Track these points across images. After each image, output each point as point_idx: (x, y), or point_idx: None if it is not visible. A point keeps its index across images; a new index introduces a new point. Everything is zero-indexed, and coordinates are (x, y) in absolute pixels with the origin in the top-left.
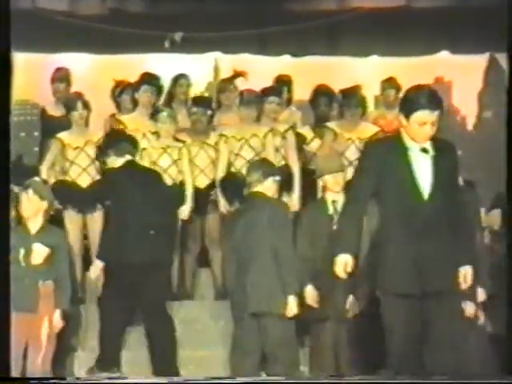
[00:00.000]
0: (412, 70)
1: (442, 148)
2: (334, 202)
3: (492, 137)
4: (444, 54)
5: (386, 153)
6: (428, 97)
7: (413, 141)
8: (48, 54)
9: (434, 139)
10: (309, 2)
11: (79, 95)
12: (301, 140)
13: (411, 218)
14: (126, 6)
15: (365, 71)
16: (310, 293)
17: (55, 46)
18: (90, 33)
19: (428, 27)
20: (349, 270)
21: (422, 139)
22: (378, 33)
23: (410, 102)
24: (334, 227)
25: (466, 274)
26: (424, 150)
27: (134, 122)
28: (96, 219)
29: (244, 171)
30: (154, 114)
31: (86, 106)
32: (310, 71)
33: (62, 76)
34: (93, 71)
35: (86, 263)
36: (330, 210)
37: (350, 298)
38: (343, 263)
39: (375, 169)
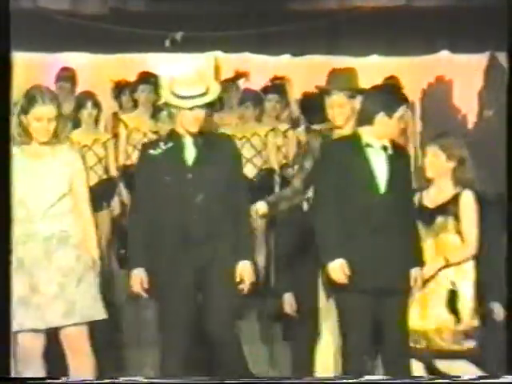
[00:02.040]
0: (413, 69)
1: (398, 149)
2: None
3: (493, 135)
4: (444, 54)
5: (344, 151)
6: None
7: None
8: (49, 53)
9: (392, 141)
10: (309, 1)
11: (90, 94)
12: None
13: (368, 213)
14: (127, 6)
15: (365, 71)
16: None
17: (56, 45)
18: (90, 32)
19: (428, 27)
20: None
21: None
22: (378, 32)
23: None
24: None
25: (416, 276)
26: (384, 148)
27: (135, 121)
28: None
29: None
30: (154, 113)
31: (97, 105)
32: (309, 70)
33: (67, 75)
34: (94, 70)
35: None
36: None
37: None
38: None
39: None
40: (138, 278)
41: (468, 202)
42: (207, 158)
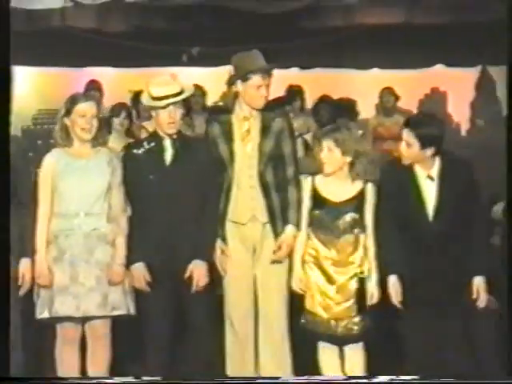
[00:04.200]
0: (410, 81)
1: (450, 171)
2: None
3: (484, 142)
4: (439, 67)
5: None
6: None
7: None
8: (77, 68)
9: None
10: (316, 19)
11: (124, 106)
12: (306, 145)
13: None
14: (148, 24)
15: (366, 82)
16: None
17: (84, 60)
18: (115, 48)
19: (425, 42)
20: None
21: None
22: (379, 47)
23: None
24: None
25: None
26: (430, 178)
27: (153, 128)
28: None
29: None
30: None
31: (129, 115)
32: (315, 83)
33: (94, 87)
34: (118, 83)
35: None
36: None
37: None
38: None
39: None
40: (140, 273)
41: (371, 196)
42: (183, 159)
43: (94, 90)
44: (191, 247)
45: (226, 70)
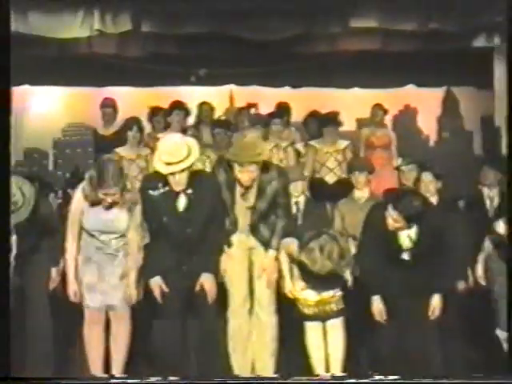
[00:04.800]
0: (386, 99)
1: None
2: (296, 202)
3: (450, 152)
4: (411, 87)
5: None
6: None
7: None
8: (98, 87)
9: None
10: (305, 45)
11: (136, 120)
12: (297, 154)
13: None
14: (161, 49)
15: (348, 100)
16: None
17: (105, 80)
18: (132, 70)
19: (398, 66)
20: None
21: None
22: (359, 69)
23: None
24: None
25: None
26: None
27: None
28: None
29: None
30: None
31: (141, 129)
32: (305, 100)
33: (109, 103)
34: (133, 100)
35: None
36: (294, 209)
37: None
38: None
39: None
40: (157, 286)
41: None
42: (195, 203)
43: (108, 106)
44: (200, 264)
45: (228, 89)
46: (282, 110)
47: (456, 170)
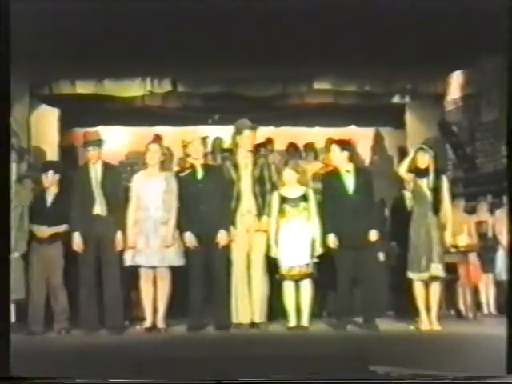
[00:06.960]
0: (336, 134)
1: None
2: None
3: (379, 169)
4: (353, 127)
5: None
6: None
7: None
8: (149, 127)
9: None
10: (284, 99)
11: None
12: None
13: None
14: (190, 102)
15: (312, 135)
16: None
17: (153, 122)
18: (171, 116)
19: (344, 113)
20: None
21: None
22: (320, 115)
23: None
24: None
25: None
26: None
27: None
28: None
29: None
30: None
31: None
32: (283, 135)
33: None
34: (173, 136)
35: None
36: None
37: None
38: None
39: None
40: (190, 238)
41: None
42: (209, 177)
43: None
44: (218, 223)
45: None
46: (267, 142)
47: (382, 180)
